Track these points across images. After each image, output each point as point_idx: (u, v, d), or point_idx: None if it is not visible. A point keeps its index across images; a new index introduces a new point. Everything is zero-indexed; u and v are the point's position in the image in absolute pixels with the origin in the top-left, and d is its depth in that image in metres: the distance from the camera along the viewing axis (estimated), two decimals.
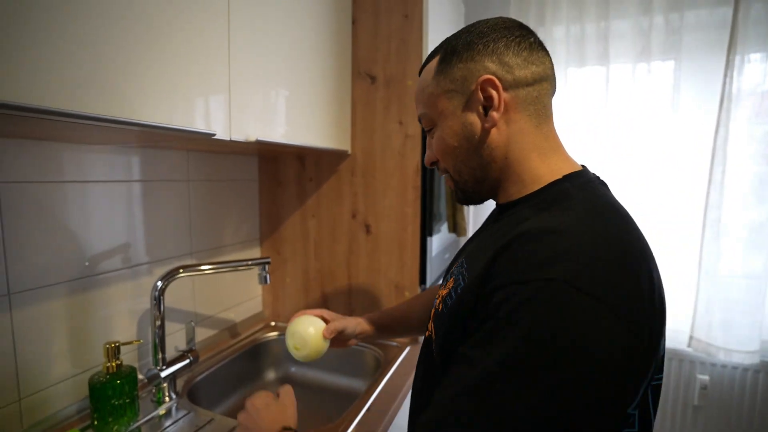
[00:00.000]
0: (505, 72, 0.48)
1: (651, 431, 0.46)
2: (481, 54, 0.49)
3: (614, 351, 0.36)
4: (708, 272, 1.39)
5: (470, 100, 0.50)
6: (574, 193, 0.46)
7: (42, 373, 0.76)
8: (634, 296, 0.38)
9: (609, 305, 0.36)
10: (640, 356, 0.38)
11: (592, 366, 0.35)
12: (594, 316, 0.36)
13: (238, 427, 0.62)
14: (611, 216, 0.45)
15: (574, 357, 0.35)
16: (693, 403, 1.49)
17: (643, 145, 1.46)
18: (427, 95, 0.54)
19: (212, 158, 1.14)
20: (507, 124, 0.50)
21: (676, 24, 1.35)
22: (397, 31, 1.11)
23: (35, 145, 0.73)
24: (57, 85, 0.46)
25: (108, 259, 0.87)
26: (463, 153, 0.52)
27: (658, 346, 0.41)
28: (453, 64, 0.51)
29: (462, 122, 0.51)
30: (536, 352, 0.36)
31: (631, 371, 0.38)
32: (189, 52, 0.64)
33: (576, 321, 0.36)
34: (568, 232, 0.41)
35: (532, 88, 0.49)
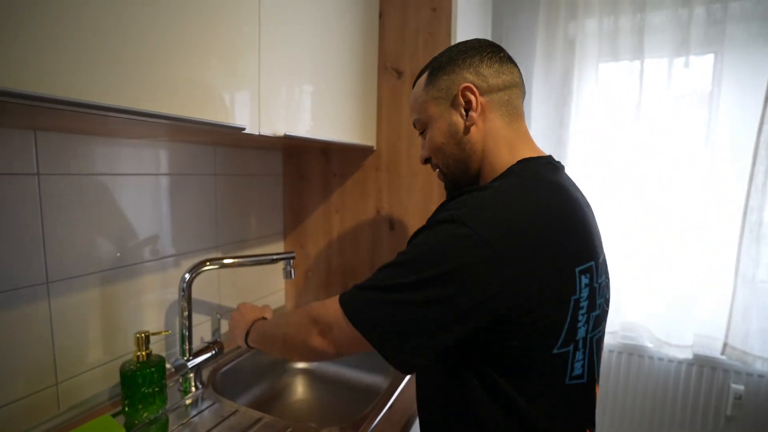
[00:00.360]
0: (480, 81, 0.61)
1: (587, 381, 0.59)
2: (460, 67, 0.62)
3: (474, 263, 0.49)
4: (745, 278, 1.32)
5: (454, 104, 0.63)
6: (516, 170, 0.59)
7: (77, 359, 0.79)
8: (509, 236, 0.50)
9: (481, 235, 0.49)
10: (503, 278, 0.49)
11: (453, 270, 0.49)
12: (468, 241, 0.49)
13: (231, 320, 0.84)
14: (533, 186, 0.56)
15: (441, 262, 0.50)
16: (726, 413, 1.42)
17: (678, 143, 1.40)
18: (420, 103, 0.67)
19: (238, 153, 1.15)
20: (484, 122, 0.62)
21: (719, 15, 1.28)
22: (425, 25, 1.09)
23: (72, 139, 0.75)
24: (92, 79, 0.47)
25: (138, 250, 0.89)
26: (450, 148, 0.64)
27: (541, 296, 0.51)
28: (439, 77, 0.64)
29: (448, 122, 0.64)
30: (421, 256, 0.52)
31: (489, 284, 0.49)
32: (220, 47, 0.64)
33: (450, 240, 0.50)
34: (486, 192, 0.54)
35: (503, 93, 0.62)
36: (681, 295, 1.42)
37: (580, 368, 0.57)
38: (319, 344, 0.59)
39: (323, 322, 0.59)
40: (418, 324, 0.51)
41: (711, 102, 1.34)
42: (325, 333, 0.59)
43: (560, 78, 1.50)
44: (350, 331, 0.55)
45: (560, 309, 0.53)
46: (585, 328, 0.56)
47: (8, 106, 0.46)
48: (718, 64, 1.32)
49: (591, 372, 0.59)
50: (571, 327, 0.54)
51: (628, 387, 1.55)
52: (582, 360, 0.57)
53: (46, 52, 0.42)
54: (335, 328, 0.57)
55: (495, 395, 0.55)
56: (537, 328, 0.52)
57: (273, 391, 1.11)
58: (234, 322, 0.83)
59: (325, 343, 0.59)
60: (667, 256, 1.44)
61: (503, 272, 0.49)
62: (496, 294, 0.49)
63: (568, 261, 0.54)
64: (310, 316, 0.62)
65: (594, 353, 0.60)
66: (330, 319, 0.58)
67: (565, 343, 0.54)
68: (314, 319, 0.61)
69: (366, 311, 0.54)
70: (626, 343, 1.54)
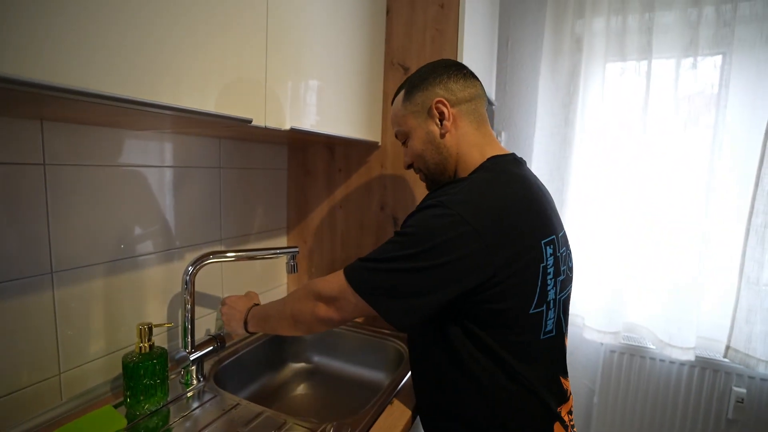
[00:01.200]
0: (450, 95, 0.73)
1: None
2: (432, 84, 0.74)
3: (455, 238, 0.59)
4: (750, 280, 1.31)
5: (429, 116, 0.74)
6: (486, 166, 0.71)
7: (80, 349, 0.79)
8: (482, 215, 0.61)
9: (459, 215, 0.60)
10: (480, 249, 0.60)
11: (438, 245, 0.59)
12: (449, 220, 0.60)
13: (222, 315, 0.90)
14: (500, 177, 0.68)
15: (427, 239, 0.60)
16: (727, 416, 1.42)
17: (684, 144, 1.39)
18: (400, 117, 0.78)
19: (243, 146, 1.15)
20: (456, 129, 0.74)
21: (728, 16, 1.27)
22: (432, 21, 1.09)
23: (78, 130, 0.75)
24: (97, 69, 0.46)
25: (142, 242, 0.89)
26: (429, 153, 0.76)
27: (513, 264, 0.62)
28: (415, 94, 0.76)
29: (425, 131, 0.75)
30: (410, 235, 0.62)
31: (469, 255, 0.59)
32: (227, 39, 0.64)
33: (434, 220, 0.61)
34: (462, 184, 0.66)
35: (470, 103, 0.74)
36: (684, 296, 1.41)
37: (552, 325, 0.69)
38: (325, 313, 0.70)
39: (327, 295, 0.70)
40: (410, 288, 0.62)
41: (718, 103, 1.33)
42: (329, 303, 0.70)
43: (566, 76, 1.49)
44: (353, 298, 0.66)
45: (532, 274, 0.64)
46: (554, 290, 0.69)
47: (15, 94, 0.45)
48: (726, 65, 1.31)
49: (559, 327, 0.71)
50: (542, 290, 0.66)
51: (629, 388, 1.54)
52: (553, 318, 0.69)
53: (51, 41, 0.41)
54: (339, 298, 0.68)
55: (484, 351, 0.65)
56: (514, 292, 0.63)
57: (274, 386, 1.12)
58: (227, 316, 0.90)
59: (330, 311, 0.70)
60: (670, 257, 1.43)
61: (480, 243, 0.59)
62: (475, 262, 0.60)
63: (534, 235, 0.65)
64: (312, 291, 0.72)
65: (561, 311, 0.72)
66: (334, 292, 0.69)
67: (539, 303, 0.66)
68: (317, 293, 0.71)
69: (366, 278, 0.65)
70: (628, 344, 1.54)
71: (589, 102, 1.49)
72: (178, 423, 0.75)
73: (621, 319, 1.50)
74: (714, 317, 1.44)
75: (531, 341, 0.66)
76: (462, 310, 0.64)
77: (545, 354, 0.69)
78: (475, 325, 0.64)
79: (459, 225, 0.59)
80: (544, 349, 0.68)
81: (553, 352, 0.71)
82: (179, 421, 0.75)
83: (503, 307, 0.63)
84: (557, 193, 1.53)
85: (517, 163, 0.74)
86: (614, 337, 1.51)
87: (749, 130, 1.34)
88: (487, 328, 0.64)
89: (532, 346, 0.67)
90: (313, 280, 0.74)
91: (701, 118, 1.37)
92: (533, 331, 0.66)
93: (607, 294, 1.51)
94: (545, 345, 0.68)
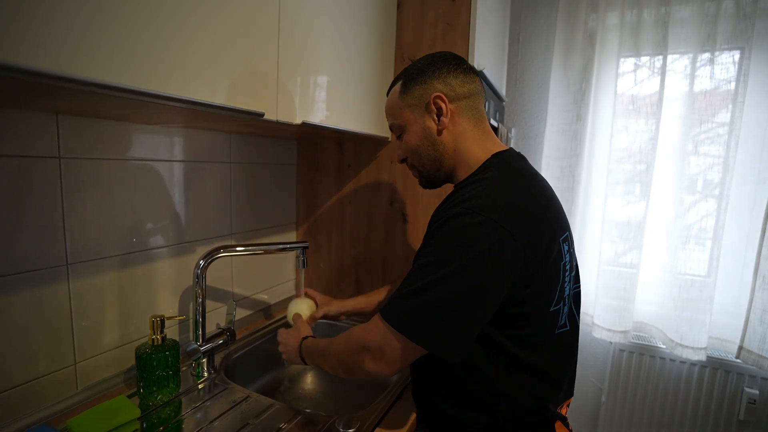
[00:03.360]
0: (449, 90, 0.69)
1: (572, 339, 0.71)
2: (431, 78, 0.70)
3: (492, 245, 0.56)
4: (766, 281, 1.29)
5: (427, 110, 0.71)
6: (495, 163, 0.69)
7: (94, 340, 0.80)
8: (514, 217, 0.58)
9: (493, 220, 0.57)
10: (517, 252, 0.57)
11: (476, 255, 0.56)
12: (483, 228, 0.57)
13: (280, 348, 0.86)
14: (515, 175, 0.67)
15: (464, 251, 0.56)
16: (738, 417, 1.40)
17: (700, 141, 1.37)
18: (396, 109, 0.74)
19: (253, 141, 1.15)
20: (453, 125, 0.71)
21: (749, 9, 1.24)
22: (444, 15, 1.08)
23: (93, 123, 0.76)
24: (110, 60, 0.46)
25: (154, 236, 0.90)
26: (425, 149, 0.72)
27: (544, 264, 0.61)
28: (412, 86, 0.72)
29: (422, 126, 0.72)
30: (445, 250, 0.58)
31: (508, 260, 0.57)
32: (239, 33, 0.64)
33: (468, 230, 0.57)
34: (481, 185, 0.63)
35: (469, 100, 0.71)
36: (696, 296, 1.39)
37: (565, 319, 0.68)
38: (375, 368, 0.63)
39: (373, 348, 0.63)
40: (457, 314, 0.57)
41: (735, 99, 1.30)
42: (377, 357, 0.63)
43: (579, 72, 1.47)
44: (402, 345, 0.60)
45: (555, 273, 0.64)
46: (568, 287, 0.69)
47: (30, 86, 0.46)
48: (744, 60, 1.28)
49: (572, 321, 0.71)
50: (561, 287, 0.66)
51: (638, 387, 1.53)
52: (567, 313, 0.69)
53: (63, 30, 0.42)
54: (386, 348, 0.62)
55: (497, 350, 0.63)
56: (539, 291, 0.62)
57: (284, 379, 1.12)
58: (285, 354, 0.85)
59: (380, 365, 0.63)
60: (682, 256, 1.41)
61: (515, 246, 0.57)
62: (513, 267, 0.58)
63: (555, 233, 0.64)
64: (357, 344, 0.66)
65: (573, 305, 0.72)
66: (378, 342, 0.62)
67: (558, 301, 0.65)
68: (362, 346, 0.65)
69: (410, 318, 0.59)
70: (638, 343, 1.52)
71: (601, 98, 1.47)
72: (190, 414, 0.76)
73: (631, 317, 1.49)
74: (727, 317, 1.42)
75: (547, 337, 0.65)
76: None
77: (559, 349, 0.68)
78: (492, 326, 0.62)
79: (494, 231, 0.56)
80: (558, 344, 0.68)
81: (567, 346, 0.70)
82: (191, 412, 0.76)
83: (529, 309, 0.62)
84: (567, 191, 1.52)
85: (521, 158, 0.73)
86: (624, 336, 1.49)
87: (767, 127, 1.31)
88: (503, 327, 0.62)
89: (548, 342, 0.66)
90: (354, 330, 0.68)
91: (718, 115, 1.34)
92: (550, 327, 0.66)
93: (617, 292, 1.49)
94: (560, 340, 0.68)
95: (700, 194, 1.38)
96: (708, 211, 1.37)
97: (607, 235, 1.50)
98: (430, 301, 0.57)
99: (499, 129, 1.17)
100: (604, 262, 1.51)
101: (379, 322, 0.62)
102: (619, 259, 1.49)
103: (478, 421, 0.66)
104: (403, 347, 0.60)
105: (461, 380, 0.66)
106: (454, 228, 0.58)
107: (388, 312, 0.61)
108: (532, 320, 0.63)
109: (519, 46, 1.62)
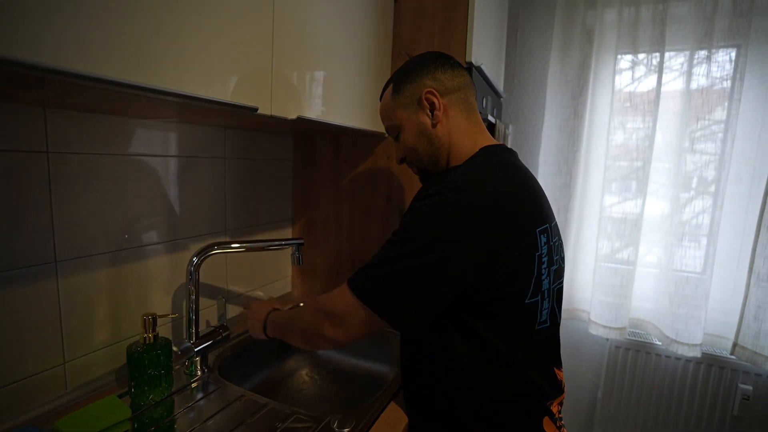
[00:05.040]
0: (439, 85, 0.72)
1: None
2: (420, 76, 0.73)
3: (458, 225, 0.58)
4: (760, 277, 1.30)
5: (420, 107, 0.73)
6: (480, 155, 0.71)
7: (84, 339, 0.79)
8: (484, 202, 0.60)
9: (458, 202, 0.60)
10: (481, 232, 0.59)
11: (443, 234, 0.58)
12: (450, 208, 0.59)
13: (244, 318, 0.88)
14: (494, 165, 0.68)
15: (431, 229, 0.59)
16: (733, 413, 1.41)
17: (696, 137, 1.37)
18: (390, 110, 0.77)
19: (248, 136, 1.13)
20: (447, 119, 0.73)
21: (746, 6, 1.24)
22: (441, 11, 1.07)
23: (82, 118, 0.74)
24: (100, 52, 0.45)
25: (146, 232, 0.88)
26: (422, 145, 0.74)
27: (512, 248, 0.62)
28: (403, 87, 0.74)
29: (417, 123, 0.74)
30: (413, 228, 0.61)
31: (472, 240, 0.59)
32: (233, 25, 0.62)
33: (436, 210, 0.60)
34: (458, 172, 0.66)
35: (459, 93, 0.73)
36: (692, 293, 1.40)
37: (546, 315, 0.68)
38: (333, 335, 0.66)
39: (334, 314, 0.66)
40: (419, 288, 0.59)
41: (731, 97, 1.30)
42: (337, 324, 0.66)
43: (576, 68, 1.46)
44: (360, 312, 0.62)
45: (528, 263, 0.64)
46: (548, 280, 0.68)
47: (16, 78, 0.44)
48: (741, 57, 1.28)
49: (553, 317, 0.71)
50: (537, 279, 0.65)
51: (633, 383, 1.54)
52: (547, 308, 0.69)
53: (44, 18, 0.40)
54: (346, 317, 0.64)
55: (477, 343, 0.64)
56: (511, 279, 0.62)
57: (278, 378, 1.11)
58: (249, 320, 0.87)
59: (338, 332, 0.66)
60: (678, 252, 1.42)
61: (480, 229, 0.59)
62: (478, 248, 0.59)
63: (529, 222, 0.65)
64: (320, 310, 0.69)
65: (555, 301, 0.72)
66: (340, 310, 0.65)
67: (534, 293, 0.65)
68: (324, 312, 0.67)
69: (373, 288, 0.62)
70: (634, 339, 1.53)
71: (598, 95, 1.47)
72: (183, 413, 0.75)
73: (627, 314, 1.49)
74: (721, 314, 1.43)
75: (526, 333, 0.66)
76: (457, 300, 0.63)
77: (539, 346, 0.69)
78: (470, 316, 0.64)
79: (458, 212, 0.59)
80: (538, 340, 0.68)
81: (547, 343, 0.71)
82: (184, 412, 0.75)
83: (500, 296, 0.63)
84: (565, 187, 1.52)
85: (510, 153, 0.75)
86: (620, 333, 1.50)
87: (763, 124, 1.32)
88: (481, 318, 0.63)
89: (527, 337, 0.66)
90: (318, 298, 0.71)
91: (714, 112, 1.34)
92: (528, 321, 0.66)
93: (613, 289, 1.50)
94: (539, 336, 0.68)
95: (696, 191, 1.39)
96: (704, 208, 1.38)
97: (603, 231, 1.50)
98: (394, 273, 0.60)
99: (496, 125, 1.16)
100: (601, 259, 1.51)
101: (344, 290, 0.64)
102: (615, 256, 1.49)
103: (464, 413, 0.66)
104: (364, 315, 0.62)
105: (447, 374, 0.67)
106: (423, 208, 0.61)
107: (354, 280, 0.63)
108: (508, 312, 0.64)
109: (517, 41, 1.61)
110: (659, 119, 1.40)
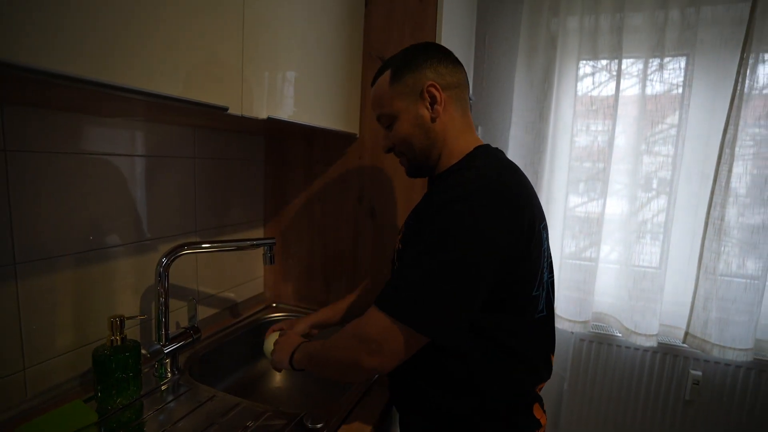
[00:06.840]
0: (440, 79, 0.70)
1: None
2: (423, 67, 0.71)
3: (487, 230, 0.58)
4: (708, 270, 1.40)
5: (420, 99, 0.71)
6: (480, 155, 0.70)
7: (46, 343, 0.76)
8: (505, 204, 0.60)
9: (484, 206, 0.59)
10: (510, 236, 0.60)
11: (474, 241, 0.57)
12: (479, 213, 0.58)
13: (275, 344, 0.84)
14: (503, 165, 0.68)
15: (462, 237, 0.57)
16: (684, 398, 1.51)
17: (651, 141, 1.46)
18: (386, 99, 0.74)
19: (219, 136, 1.12)
20: (445, 114, 0.71)
21: (692, 19, 1.33)
22: (411, 15, 1.09)
23: (42, 114, 0.72)
24: (65, 48, 0.44)
25: (113, 233, 0.86)
26: (417, 137, 0.72)
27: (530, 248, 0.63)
28: (404, 74, 0.71)
29: (415, 115, 0.72)
30: (442, 237, 0.58)
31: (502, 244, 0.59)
32: (203, 24, 0.62)
33: (464, 216, 0.58)
34: (473, 172, 0.64)
35: (458, 89, 0.73)
36: (648, 287, 1.48)
37: (542, 305, 0.71)
38: (372, 363, 0.61)
39: (371, 341, 0.60)
40: (458, 300, 0.58)
41: (682, 103, 1.40)
42: (375, 351, 0.60)
43: (542, 72, 1.52)
44: (404, 335, 0.58)
45: (538, 257, 0.66)
46: (546, 272, 0.71)
47: None
48: (689, 66, 1.37)
49: (549, 307, 0.73)
50: (541, 273, 0.68)
51: (596, 374, 1.62)
52: (544, 299, 0.71)
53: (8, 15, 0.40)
54: (385, 341, 0.59)
55: (480, 333, 0.64)
56: (526, 276, 0.64)
57: (251, 378, 1.11)
58: (279, 346, 0.83)
59: (378, 359, 0.60)
60: (636, 249, 1.50)
61: (505, 232, 0.59)
62: (508, 251, 0.60)
63: (537, 219, 0.66)
64: (355, 337, 0.63)
65: (550, 292, 0.75)
66: (377, 336, 0.60)
67: (538, 286, 0.68)
68: (360, 339, 0.62)
69: (413, 307, 0.57)
70: (596, 332, 1.61)
71: (563, 99, 1.54)
72: (152, 416, 0.74)
73: (590, 308, 1.57)
74: (675, 306, 1.53)
75: (527, 322, 0.68)
76: None
77: (538, 334, 0.71)
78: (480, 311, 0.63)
79: (484, 216, 0.58)
80: (537, 329, 0.70)
81: (544, 332, 0.73)
82: (153, 415, 0.74)
83: (516, 292, 0.64)
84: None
85: (501, 151, 0.76)
86: (584, 327, 1.57)
87: (709, 129, 1.42)
88: (486, 310, 0.63)
89: (528, 327, 0.68)
90: (348, 326, 0.65)
91: (667, 117, 1.43)
92: (530, 312, 0.68)
93: (578, 285, 1.57)
94: (538, 325, 0.70)
95: (653, 191, 1.47)
96: (660, 207, 1.47)
97: (569, 230, 1.57)
98: (431, 289, 0.57)
99: None
100: (566, 256, 1.58)
101: (377, 314, 0.59)
102: (580, 254, 1.56)
103: (461, 404, 0.67)
104: (406, 338, 0.58)
105: (444, 364, 0.66)
106: (449, 215, 0.58)
107: (387, 302, 0.59)
108: (517, 305, 0.66)
109: (485, 46, 1.66)
110: (619, 123, 1.48)
